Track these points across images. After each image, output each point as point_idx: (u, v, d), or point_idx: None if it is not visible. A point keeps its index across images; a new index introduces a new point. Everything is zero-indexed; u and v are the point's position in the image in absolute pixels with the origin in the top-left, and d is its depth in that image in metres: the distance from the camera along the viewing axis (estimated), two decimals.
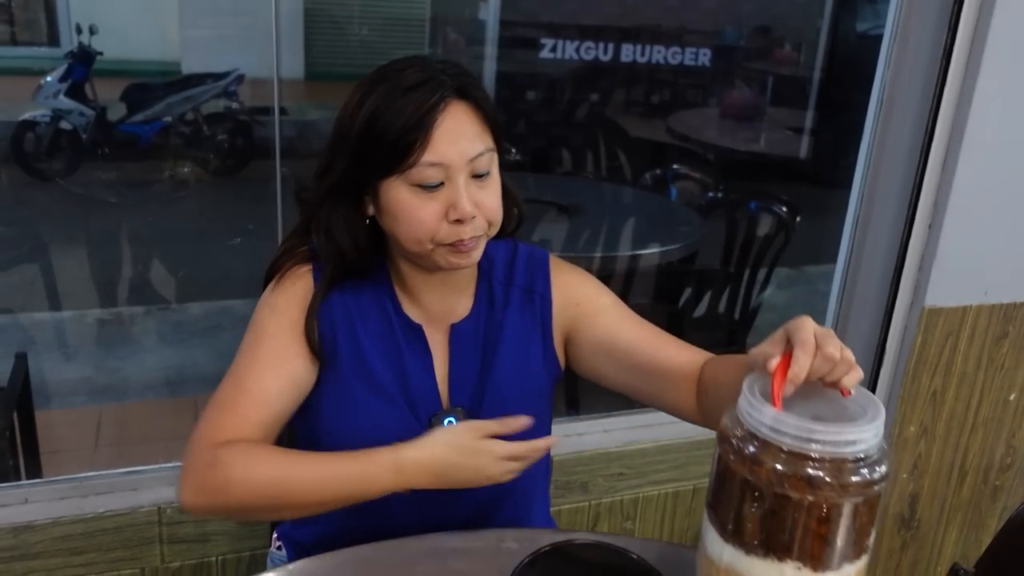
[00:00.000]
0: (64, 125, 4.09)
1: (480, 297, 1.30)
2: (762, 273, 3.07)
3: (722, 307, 3.24)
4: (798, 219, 3.06)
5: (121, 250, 4.12)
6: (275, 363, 1.19)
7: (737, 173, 4.29)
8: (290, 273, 1.24)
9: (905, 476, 2.31)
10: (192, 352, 3.74)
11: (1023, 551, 1.42)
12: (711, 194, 3.55)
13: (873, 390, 2.23)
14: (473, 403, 1.27)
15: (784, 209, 3.05)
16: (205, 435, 1.13)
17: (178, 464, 1.83)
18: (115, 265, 4.10)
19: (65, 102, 4.06)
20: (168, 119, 4.48)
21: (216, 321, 3.99)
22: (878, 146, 2.13)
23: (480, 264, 1.28)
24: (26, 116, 4.08)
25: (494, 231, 1.21)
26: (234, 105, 4.58)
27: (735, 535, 0.91)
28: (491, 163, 1.18)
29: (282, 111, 2.54)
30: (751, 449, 0.88)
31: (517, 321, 1.30)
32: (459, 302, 1.29)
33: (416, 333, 1.26)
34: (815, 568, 0.88)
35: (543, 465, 1.42)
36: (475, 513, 1.27)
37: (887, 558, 2.40)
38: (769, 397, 0.89)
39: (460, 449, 1.11)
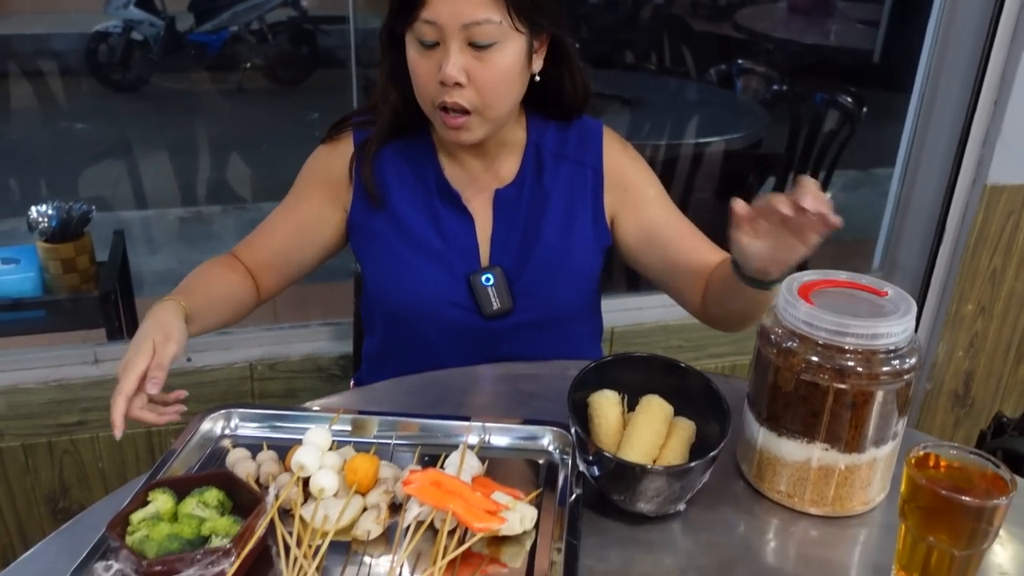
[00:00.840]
0: (135, 36, 4.17)
1: (527, 164, 1.34)
2: (825, 172, 3.07)
3: None
4: (864, 110, 3.04)
5: (197, 154, 4.28)
6: (288, 208, 1.37)
7: (804, 69, 4.22)
8: (332, 136, 1.36)
9: (961, 354, 2.36)
10: None
11: None
12: (776, 87, 3.52)
13: (931, 268, 2.27)
14: (516, 266, 1.33)
15: (850, 100, 3.03)
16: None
17: (265, 327, 2.02)
18: (191, 168, 4.26)
19: (135, 12, 4.13)
20: (234, 28, 4.54)
21: None
22: (946, 20, 2.12)
23: (529, 132, 1.33)
24: (98, 27, 4.16)
25: (492, 113, 1.20)
26: (298, 14, 4.63)
27: (770, 420, 0.99)
28: (499, 36, 1.15)
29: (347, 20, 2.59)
30: (789, 344, 0.95)
31: (566, 191, 1.34)
32: (503, 167, 1.33)
33: (454, 199, 1.32)
34: (843, 450, 0.96)
35: (591, 326, 1.51)
36: None
37: (940, 433, 2.47)
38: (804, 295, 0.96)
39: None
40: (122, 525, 0.87)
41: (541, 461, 1.06)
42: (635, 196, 1.35)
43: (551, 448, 1.07)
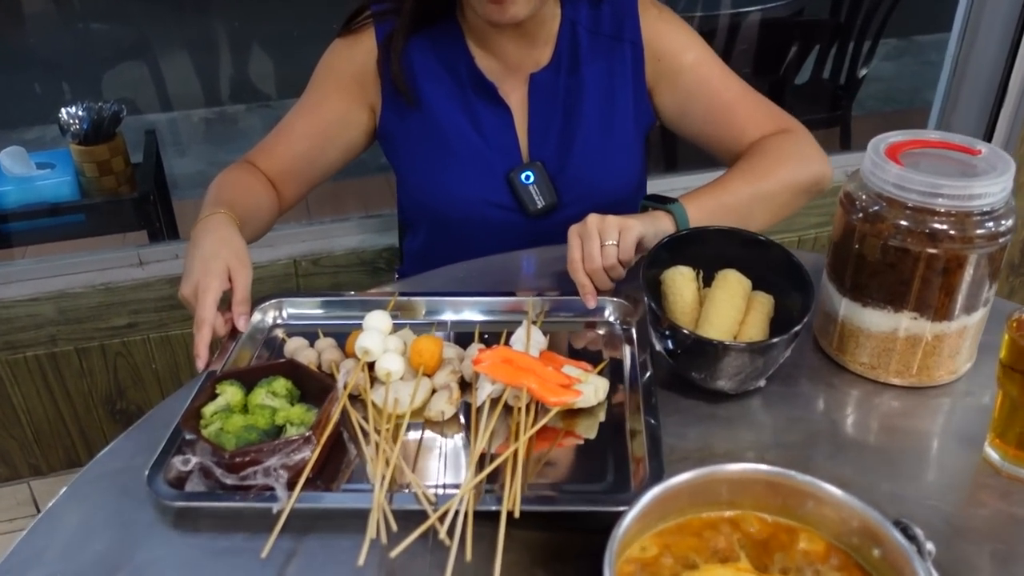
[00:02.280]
0: None
1: (562, 46, 1.25)
2: (870, 41, 2.92)
3: (826, 73, 3.12)
4: None
5: (218, 52, 4.17)
6: (308, 109, 1.28)
7: None
8: (350, 29, 1.27)
9: (1021, 222, 2.28)
10: None
11: None
12: None
13: (991, 134, 2.17)
14: (557, 158, 1.27)
15: None
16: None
17: (306, 223, 1.99)
18: (214, 67, 4.16)
19: None
20: None
21: None
22: None
23: (563, 10, 1.25)
24: None
25: None
26: None
27: (853, 290, 0.94)
28: None
29: None
30: (875, 208, 0.89)
31: (604, 71, 1.26)
32: (538, 51, 1.25)
33: (489, 91, 1.25)
34: (932, 319, 0.91)
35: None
36: None
37: None
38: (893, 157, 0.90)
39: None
40: (195, 419, 0.85)
41: (602, 332, 1.04)
42: (670, 65, 1.26)
43: (612, 319, 1.05)
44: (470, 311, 1.06)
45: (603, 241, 1.02)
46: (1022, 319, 0.82)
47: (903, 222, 0.87)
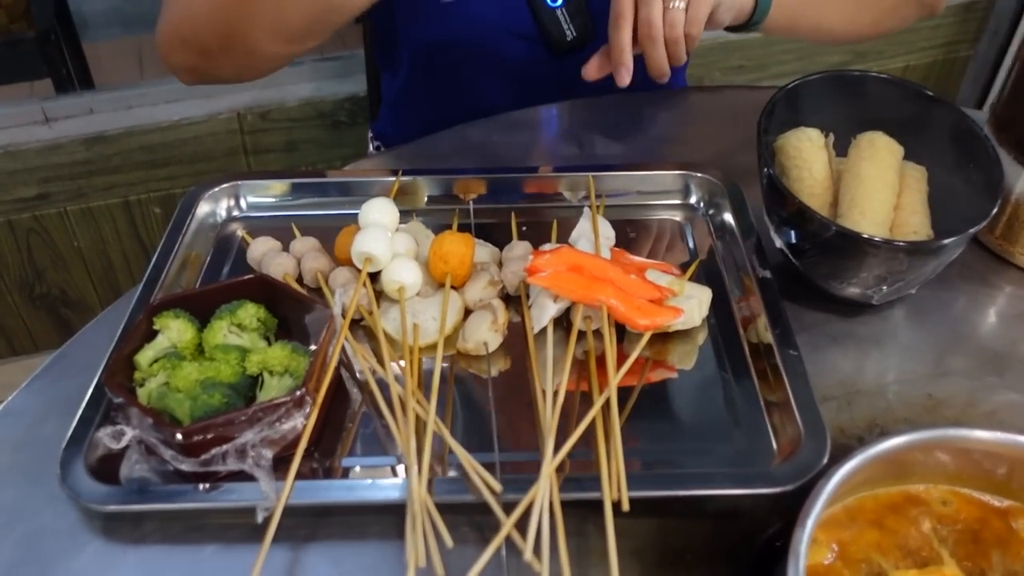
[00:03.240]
0: None
1: None
2: None
3: None
4: None
5: None
6: None
7: None
8: None
9: None
10: None
11: None
12: None
13: None
14: None
15: None
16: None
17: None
18: None
19: None
20: None
21: None
22: None
23: None
24: None
25: None
26: None
27: None
28: None
29: None
30: None
31: None
32: None
33: None
34: None
35: None
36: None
37: None
38: None
39: None
40: (126, 373, 0.57)
41: (679, 218, 0.77)
42: None
43: (695, 201, 0.77)
44: (498, 193, 0.78)
45: (667, 4, 0.74)
46: None
47: None
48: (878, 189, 0.66)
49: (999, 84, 2.09)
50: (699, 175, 0.76)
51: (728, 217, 0.74)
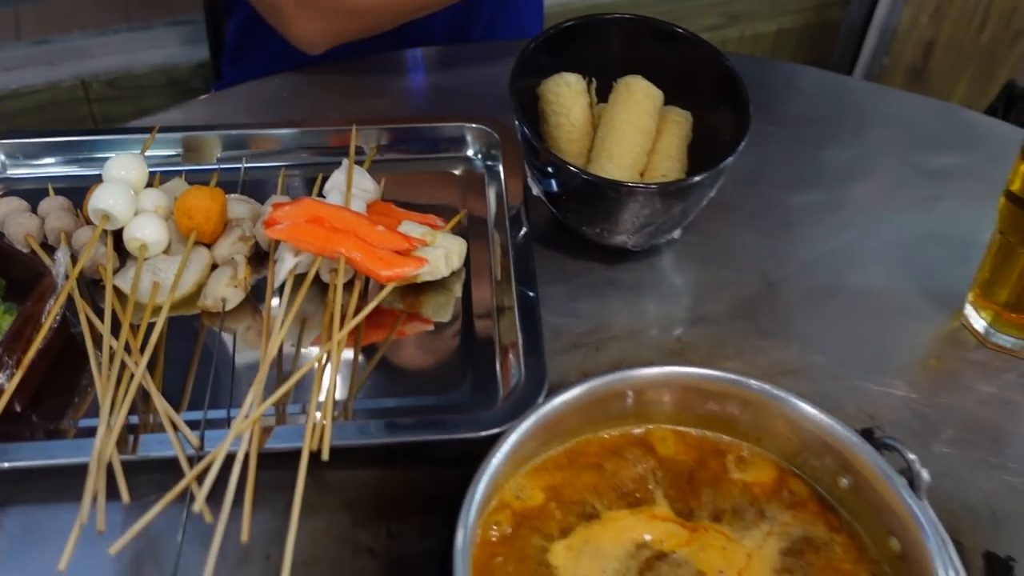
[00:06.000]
0: None
1: None
2: None
3: None
4: None
5: None
6: None
7: None
8: None
9: (925, 21, 2.07)
10: None
11: None
12: None
13: None
14: None
15: None
16: None
17: (98, 32, 1.58)
18: None
19: None
20: None
21: None
22: None
23: None
24: None
25: None
26: None
27: None
28: None
29: None
30: None
31: None
32: None
33: None
34: None
35: None
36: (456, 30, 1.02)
37: None
38: None
39: None
40: None
41: (459, 172, 0.75)
42: None
43: (471, 153, 0.76)
44: (272, 148, 0.75)
45: None
46: None
47: None
48: (629, 133, 0.65)
49: (869, 45, 2.14)
50: (475, 126, 0.75)
51: (501, 169, 0.73)
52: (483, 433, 0.51)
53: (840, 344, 0.64)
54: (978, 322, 0.64)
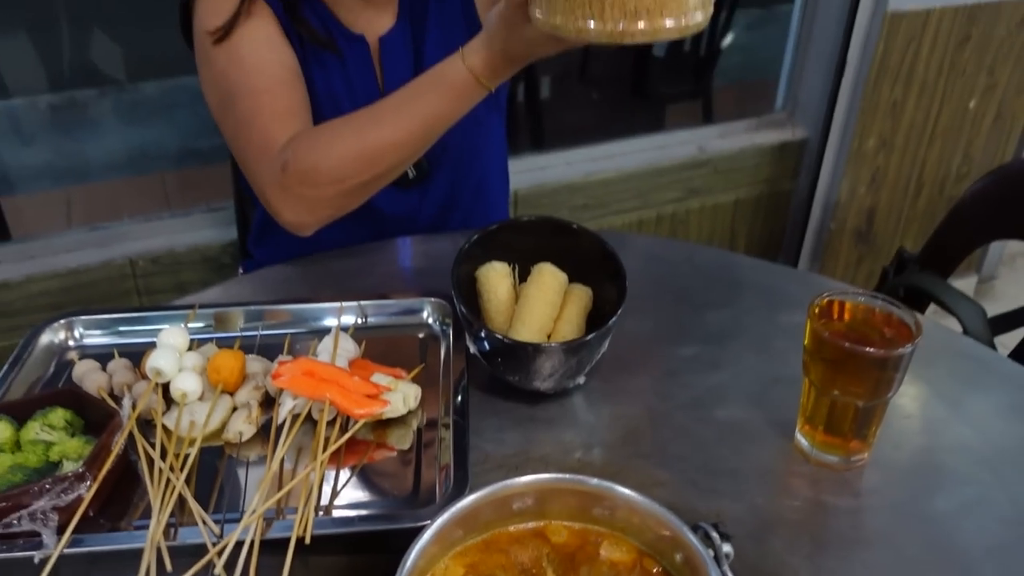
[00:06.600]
0: None
1: (403, 7, 1.19)
2: (725, 12, 2.95)
3: (687, 45, 3.15)
4: None
5: (61, 30, 3.90)
6: (266, 48, 1.09)
7: None
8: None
9: (863, 190, 2.35)
10: (153, 130, 3.65)
11: (961, 231, 1.47)
12: None
13: (833, 104, 2.22)
14: None
15: None
16: (257, 154, 1.04)
17: (142, 218, 1.87)
18: (57, 47, 3.89)
19: None
20: None
21: (174, 98, 3.88)
22: None
23: None
24: None
25: None
26: None
27: None
28: None
29: None
30: None
31: (439, 21, 1.20)
32: (380, 16, 1.19)
33: (360, 45, 1.18)
34: None
35: (500, 181, 1.42)
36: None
37: (843, 271, 2.50)
38: None
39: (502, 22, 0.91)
40: None
41: (422, 335, 1.00)
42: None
43: (431, 321, 1.00)
44: (282, 320, 1.00)
45: None
46: (823, 305, 0.81)
47: None
48: (539, 308, 0.90)
49: (816, 213, 2.41)
50: (433, 300, 1.00)
51: (451, 333, 0.97)
52: (420, 524, 0.71)
53: (702, 462, 0.85)
54: (804, 443, 0.85)
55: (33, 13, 3.82)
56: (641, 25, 0.72)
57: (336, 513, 0.78)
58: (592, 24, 0.73)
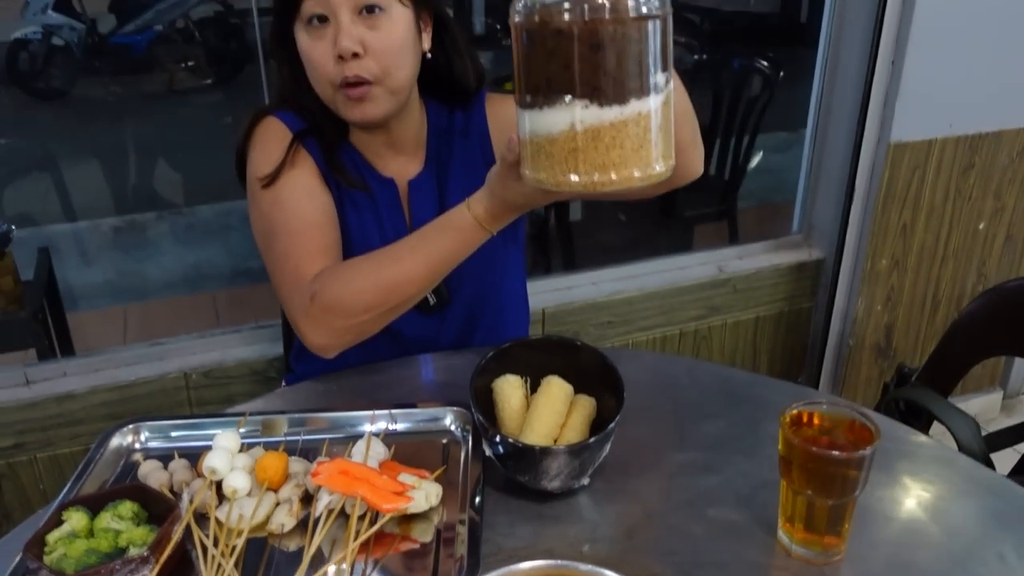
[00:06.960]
0: (56, 41, 4.07)
1: (430, 154, 1.35)
2: (748, 136, 3.14)
3: (712, 169, 3.32)
4: (782, 74, 3.11)
5: (127, 160, 4.22)
6: (305, 195, 1.23)
7: (722, 36, 4.29)
8: (260, 129, 1.29)
9: (879, 308, 2.45)
10: (206, 251, 3.89)
11: (959, 348, 1.56)
12: (696, 56, 3.58)
13: (845, 227, 2.35)
14: None
15: (767, 65, 3.10)
16: (290, 286, 1.18)
17: (197, 335, 2.03)
18: (123, 175, 4.20)
19: (53, 17, 4.00)
20: (159, 27, 4.45)
21: (226, 221, 4.13)
22: None
23: (429, 117, 1.35)
24: (17, 35, 4.05)
25: (393, 83, 1.20)
26: (223, 8, 4.55)
27: (529, 94, 0.88)
28: (386, 2, 1.17)
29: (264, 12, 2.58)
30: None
31: (462, 164, 1.35)
32: (409, 162, 1.34)
33: (390, 188, 1.33)
34: (602, 103, 0.85)
35: (519, 307, 1.55)
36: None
37: (865, 385, 2.56)
38: None
39: (499, 178, 1.05)
40: (39, 546, 0.89)
41: (445, 441, 1.12)
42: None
43: (453, 428, 1.13)
44: (320, 426, 1.13)
45: None
46: (793, 415, 0.92)
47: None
48: (547, 415, 1.02)
49: (835, 329, 2.50)
50: (455, 409, 1.12)
51: (470, 438, 1.08)
52: None
53: (693, 557, 0.94)
54: (784, 540, 0.94)
55: (98, 142, 4.14)
56: (612, 176, 0.86)
57: None
58: (572, 177, 0.87)
